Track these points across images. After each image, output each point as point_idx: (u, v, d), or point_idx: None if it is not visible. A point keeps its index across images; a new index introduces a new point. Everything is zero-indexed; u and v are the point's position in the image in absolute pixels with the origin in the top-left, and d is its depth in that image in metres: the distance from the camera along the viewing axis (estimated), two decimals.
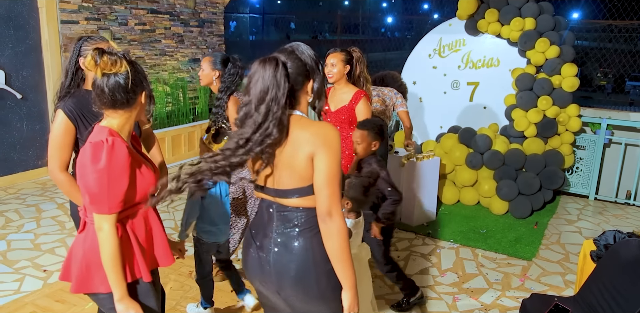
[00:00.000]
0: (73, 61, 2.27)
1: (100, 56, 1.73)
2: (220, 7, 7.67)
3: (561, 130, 5.07)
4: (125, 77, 1.77)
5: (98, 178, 1.70)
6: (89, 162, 1.71)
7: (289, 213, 1.75)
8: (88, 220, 1.85)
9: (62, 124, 2.22)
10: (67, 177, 2.23)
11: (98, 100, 1.79)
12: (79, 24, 5.76)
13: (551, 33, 4.94)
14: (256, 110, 1.63)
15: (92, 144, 1.73)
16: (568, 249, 4.26)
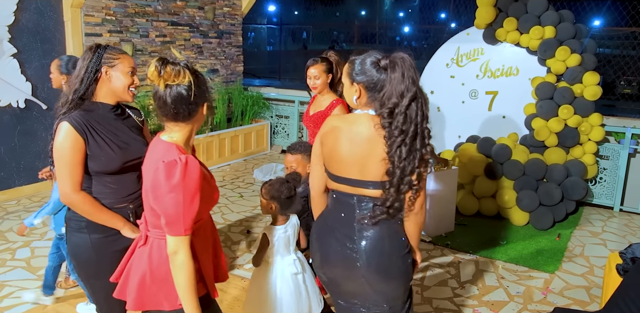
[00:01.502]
0: (92, 70, 2.09)
1: (164, 66, 1.66)
2: (238, 18, 7.75)
3: (583, 140, 5.01)
4: (188, 89, 1.71)
5: (174, 199, 1.63)
6: (164, 182, 1.64)
7: (372, 204, 1.94)
8: (151, 234, 1.80)
9: (70, 137, 2.03)
10: (83, 196, 2.08)
11: (160, 112, 1.75)
12: (102, 36, 5.86)
13: (572, 41, 4.90)
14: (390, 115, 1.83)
15: (165, 163, 1.65)
16: (592, 262, 4.19)
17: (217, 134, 6.87)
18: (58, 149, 2.04)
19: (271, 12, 17.26)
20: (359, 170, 1.92)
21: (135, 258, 1.85)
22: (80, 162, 2.06)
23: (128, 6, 6.09)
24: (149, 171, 1.74)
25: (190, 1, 6.89)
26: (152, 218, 1.78)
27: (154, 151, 1.78)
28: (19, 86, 5.25)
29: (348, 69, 1.99)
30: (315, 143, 2.06)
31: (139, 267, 1.81)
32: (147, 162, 1.80)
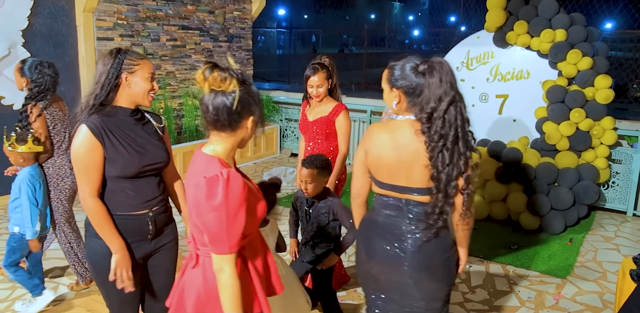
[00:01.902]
0: (113, 76, 2.07)
1: (211, 71, 1.60)
2: (248, 22, 7.79)
3: (595, 144, 4.97)
4: (233, 97, 1.63)
5: (217, 217, 1.57)
6: (205, 199, 1.57)
7: (421, 208, 1.97)
8: (201, 253, 1.74)
9: (86, 140, 2.01)
10: (100, 206, 2.05)
11: (203, 118, 1.70)
12: (114, 40, 5.91)
13: (583, 44, 4.87)
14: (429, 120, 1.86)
15: (207, 179, 1.58)
16: (605, 267, 4.15)
17: None
18: (75, 152, 2.02)
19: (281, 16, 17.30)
20: (405, 176, 1.96)
21: (188, 280, 1.78)
22: (97, 165, 2.03)
23: (139, 10, 6.13)
24: (190, 185, 1.69)
25: (201, 5, 6.93)
26: (199, 235, 1.70)
27: (196, 164, 1.73)
28: None
29: (387, 74, 2.00)
30: (359, 152, 2.07)
31: (192, 289, 1.75)
32: (189, 175, 1.74)
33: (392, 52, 18.42)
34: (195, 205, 1.61)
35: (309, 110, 3.50)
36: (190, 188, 1.68)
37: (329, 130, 3.38)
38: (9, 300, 3.45)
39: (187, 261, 1.82)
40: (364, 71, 12.29)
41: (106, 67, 2.07)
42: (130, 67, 2.09)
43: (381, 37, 19.14)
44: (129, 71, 2.09)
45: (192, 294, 1.74)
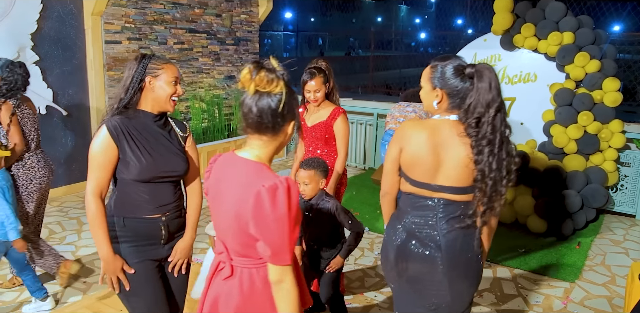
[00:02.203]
0: (137, 79, 2.09)
1: (258, 70, 1.55)
2: (255, 25, 7.81)
3: (604, 147, 4.95)
4: (279, 99, 1.57)
5: (280, 227, 1.49)
6: (270, 210, 1.48)
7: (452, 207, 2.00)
8: (236, 264, 1.66)
9: (103, 140, 2.04)
10: (99, 207, 2.04)
11: (244, 120, 1.62)
12: (122, 43, 5.94)
13: (591, 47, 4.85)
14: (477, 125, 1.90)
15: (267, 188, 1.48)
16: (614, 271, 4.13)
17: (234, 140, 6.90)
18: (91, 149, 2.07)
19: (288, 19, 17.34)
20: (442, 176, 1.98)
21: (223, 292, 1.69)
22: (107, 166, 2.06)
23: (147, 14, 6.17)
24: (234, 194, 1.58)
25: (208, 9, 6.96)
26: (238, 246, 1.62)
27: (236, 170, 1.63)
28: (41, 93, 5.33)
29: (430, 73, 2.01)
30: (393, 149, 2.06)
31: (230, 302, 1.67)
32: (228, 183, 1.63)
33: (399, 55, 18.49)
34: (255, 216, 1.50)
35: (307, 115, 3.42)
36: (233, 196, 1.59)
37: (327, 135, 3.35)
38: (17, 302, 3.46)
39: (215, 272, 1.74)
40: (370, 74, 12.29)
41: (131, 71, 2.10)
42: (154, 70, 2.11)
43: (388, 40, 19.15)
44: (152, 75, 2.10)
45: (230, 306, 1.67)
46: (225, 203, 1.62)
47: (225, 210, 1.61)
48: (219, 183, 1.67)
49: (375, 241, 4.60)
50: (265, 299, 1.62)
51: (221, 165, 1.70)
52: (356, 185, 6.26)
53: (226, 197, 1.61)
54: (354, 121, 7.20)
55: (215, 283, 1.73)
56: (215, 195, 1.68)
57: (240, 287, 1.64)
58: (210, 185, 1.72)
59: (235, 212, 1.56)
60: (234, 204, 1.56)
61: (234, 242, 1.62)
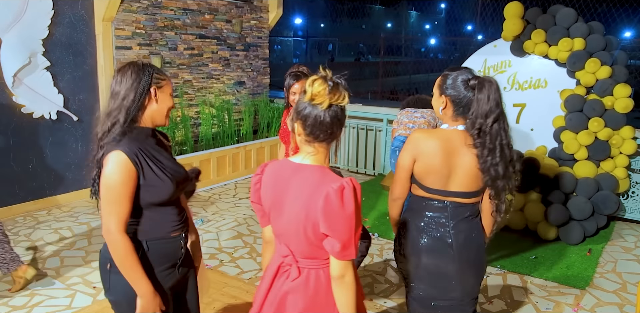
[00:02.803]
0: (144, 91, 1.92)
1: (336, 86, 1.65)
2: (265, 31, 7.85)
3: (614, 153, 4.91)
4: (343, 109, 1.71)
5: (349, 224, 1.61)
6: (340, 208, 1.59)
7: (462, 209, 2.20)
8: (303, 265, 1.76)
9: (124, 169, 1.83)
10: (127, 241, 1.84)
11: (307, 129, 1.69)
12: (132, 49, 5.98)
13: (602, 53, 4.83)
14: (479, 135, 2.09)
15: (336, 189, 1.60)
16: (625, 278, 4.09)
17: (244, 146, 6.92)
18: (109, 181, 1.83)
19: (297, 25, 17.41)
20: (454, 182, 2.16)
21: (290, 292, 1.77)
22: (130, 196, 1.86)
23: (157, 20, 6.21)
24: (303, 197, 1.68)
25: (218, 15, 7.00)
26: (305, 248, 1.72)
27: (302, 177, 1.71)
28: (52, 98, 5.38)
29: (440, 81, 2.20)
30: (406, 158, 2.20)
31: (297, 301, 1.75)
32: (295, 188, 1.71)
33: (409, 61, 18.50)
34: (327, 215, 1.60)
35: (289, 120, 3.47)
36: (298, 200, 1.68)
37: None
38: (27, 307, 3.48)
39: (276, 275, 1.82)
40: (380, 80, 12.30)
41: (134, 82, 1.91)
42: (159, 81, 1.97)
43: (397, 46, 19.16)
44: (158, 85, 1.96)
45: (297, 305, 1.76)
46: (292, 207, 1.71)
47: (293, 214, 1.70)
48: (280, 191, 1.75)
49: (385, 247, 4.58)
50: (329, 297, 1.74)
51: (279, 173, 1.78)
52: (365, 191, 6.25)
53: (293, 201, 1.70)
54: (364, 127, 7.20)
55: (279, 284, 1.81)
56: (277, 202, 1.76)
57: (307, 286, 1.75)
58: (267, 193, 1.79)
59: (306, 214, 1.65)
60: (304, 206, 1.66)
61: (302, 244, 1.72)
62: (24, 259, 4.17)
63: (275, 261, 1.84)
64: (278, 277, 1.81)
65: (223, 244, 4.62)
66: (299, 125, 1.72)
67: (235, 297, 3.62)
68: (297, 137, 1.76)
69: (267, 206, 1.81)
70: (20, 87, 5.11)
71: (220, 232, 4.92)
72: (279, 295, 1.79)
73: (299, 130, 1.73)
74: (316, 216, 1.63)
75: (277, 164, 1.81)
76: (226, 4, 7.09)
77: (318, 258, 1.74)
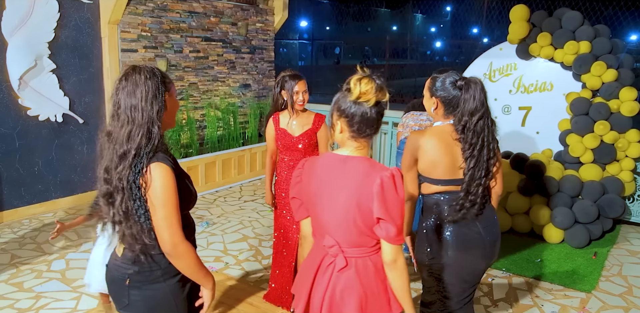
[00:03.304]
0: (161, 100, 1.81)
1: (381, 84, 1.75)
2: (271, 34, 7.86)
3: (620, 157, 4.89)
4: (384, 105, 1.80)
5: (401, 209, 1.72)
6: (393, 194, 1.70)
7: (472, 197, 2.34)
8: (350, 254, 1.81)
9: (172, 181, 1.77)
10: (191, 247, 1.83)
11: (353, 126, 1.77)
12: (138, 52, 6.01)
13: (608, 56, 4.82)
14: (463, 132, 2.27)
15: (388, 177, 1.70)
16: (631, 282, 4.06)
17: (249, 148, 6.93)
18: (165, 196, 1.75)
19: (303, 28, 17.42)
20: (459, 170, 2.32)
21: (339, 284, 1.81)
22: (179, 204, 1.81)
23: (163, 22, 6.24)
24: (353, 186, 1.74)
25: (224, 17, 7.02)
26: (354, 237, 1.78)
27: (349, 167, 1.77)
28: (57, 101, 5.41)
29: (429, 84, 2.37)
30: (408, 160, 2.36)
31: (351, 292, 1.80)
32: (341, 179, 1.77)
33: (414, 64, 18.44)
34: (381, 200, 1.69)
35: (288, 125, 3.34)
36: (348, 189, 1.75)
37: (315, 143, 3.34)
38: (33, 310, 3.49)
39: (319, 267, 1.85)
40: (385, 83, 12.30)
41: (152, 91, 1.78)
42: (168, 86, 1.86)
43: (403, 49, 19.12)
44: (167, 90, 1.85)
45: (352, 297, 1.80)
46: (340, 196, 1.76)
47: (341, 202, 1.76)
48: (326, 182, 1.81)
49: None
50: (379, 283, 1.82)
51: (323, 166, 1.84)
52: None
53: (341, 190, 1.77)
54: None
55: (325, 276, 1.83)
56: (321, 194, 1.81)
57: (358, 276, 1.80)
58: (310, 186, 1.85)
59: (357, 201, 1.72)
60: (354, 194, 1.73)
61: (350, 232, 1.77)
62: (31, 262, 4.19)
63: (317, 253, 1.88)
64: (322, 269, 1.84)
65: (228, 247, 4.63)
66: (343, 123, 1.79)
67: (239, 299, 3.62)
68: (337, 134, 1.83)
69: (308, 198, 1.86)
70: (26, 89, 5.14)
71: (226, 234, 4.92)
72: (329, 288, 1.82)
73: (342, 128, 1.80)
74: (368, 202, 1.70)
75: (320, 158, 1.88)
76: (232, 6, 7.11)
77: (365, 246, 1.79)
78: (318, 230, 1.87)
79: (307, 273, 1.89)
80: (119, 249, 1.93)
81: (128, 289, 1.90)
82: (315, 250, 1.91)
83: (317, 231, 1.88)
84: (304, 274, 1.92)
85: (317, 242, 1.91)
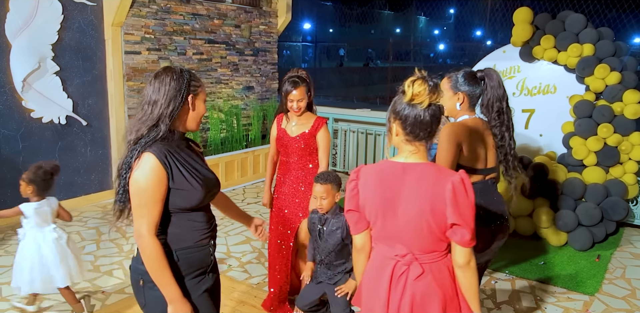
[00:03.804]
0: (182, 98, 1.89)
1: (435, 86, 1.74)
2: (274, 36, 7.88)
3: (624, 159, 4.88)
4: (440, 108, 1.78)
5: (472, 212, 1.72)
6: (466, 198, 1.70)
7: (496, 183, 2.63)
8: (423, 260, 1.80)
9: (155, 171, 1.81)
10: (159, 245, 1.82)
11: (409, 130, 1.76)
12: (141, 54, 6.02)
13: (611, 59, 4.81)
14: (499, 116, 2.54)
15: (459, 180, 1.71)
16: (634, 285, 4.05)
17: (252, 151, 6.94)
18: (139, 183, 1.81)
19: (306, 30, 17.44)
20: (489, 159, 2.51)
21: (418, 292, 1.79)
22: (161, 199, 1.84)
23: (166, 25, 6.25)
24: (425, 193, 1.73)
25: (227, 20, 7.04)
26: (428, 242, 1.78)
27: (418, 175, 1.76)
28: (61, 103, 5.42)
29: (449, 82, 2.52)
30: (452, 148, 2.38)
31: (433, 299, 1.79)
32: (412, 186, 1.76)
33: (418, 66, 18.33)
34: (455, 204, 1.69)
35: (287, 126, 3.34)
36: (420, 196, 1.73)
37: (312, 146, 3.28)
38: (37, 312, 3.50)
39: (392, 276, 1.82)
40: (388, 85, 12.30)
41: (173, 90, 1.88)
42: (195, 88, 1.94)
43: (406, 51, 19.14)
44: (194, 93, 1.94)
45: (434, 303, 1.78)
46: (411, 204, 1.74)
47: (414, 210, 1.73)
48: (392, 192, 1.77)
49: None
50: (453, 286, 1.83)
51: (383, 175, 1.80)
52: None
53: (411, 198, 1.74)
54: (372, 132, 7.20)
55: (400, 286, 1.79)
56: (389, 204, 1.78)
57: (436, 281, 1.78)
58: (373, 197, 1.80)
59: (431, 207, 1.71)
60: (428, 201, 1.71)
61: (424, 239, 1.76)
62: None
63: (383, 263, 1.84)
64: (395, 279, 1.81)
65: (231, 249, 4.63)
66: (398, 125, 1.78)
67: (243, 301, 3.63)
68: (394, 137, 1.82)
69: (371, 210, 1.81)
70: (29, 91, 5.16)
71: (229, 236, 4.92)
72: (405, 296, 1.79)
73: (397, 130, 1.79)
74: (442, 208, 1.70)
75: (376, 167, 1.84)
76: (235, 9, 7.12)
77: (437, 251, 1.79)
78: (385, 240, 1.83)
79: (378, 285, 1.84)
80: (135, 249, 1.94)
81: (143, 290, 1.92)
82: (380, 260, 1.86)
83: (383, 241, 1.85)
84: (372, 287, 1.87)
85: (381, 252, 1.86)
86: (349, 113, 7.56)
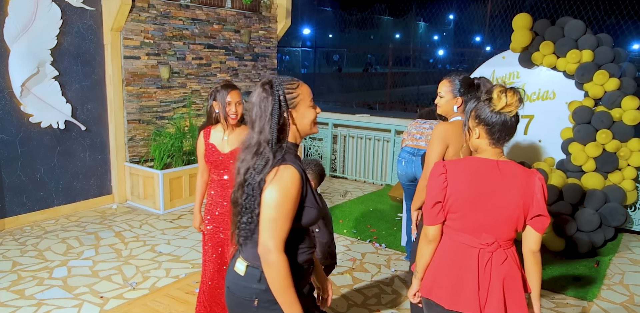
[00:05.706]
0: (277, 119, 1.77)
1: (521, 97, 1.92)
2: (273, 41, 7.89)
3: (622, 165, 4.88)
4: (519, 112, 1.95)
5: None
6: (546, 191, 1.95)
7: None
8: (505, 247, 2.00)
9: (297, 186, 1.72)
10: (287, 261, 1.70)
11: (498, 135, 1.93)
12: (140, 59, 6.03)
13: (610, 65, 4.82)
14: None
15: (541, 177, 1.96)
16: (633, 290, 4.04)
17: None
18: (279, 196, 1.70)
19: (306, 35, 17.47)
20: None
21: (503, 274, 1.98)
22: (294, 215, 1.74)
23: (166, 30, 6.26)
24: (518, 188, 1.92)
25: (227, 25, 7.05)
26: (511, 231, 1.96)
27: (510, 172, 1.95)
28: (60, 108, 5.42)
29: (450, 86, 2.76)
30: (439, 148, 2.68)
31: (516, 278, 2.00)
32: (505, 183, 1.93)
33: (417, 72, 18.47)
34: (541, 197, 1.93)
35: (218, 140, 3.02)
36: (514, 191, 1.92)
37: None
38: None
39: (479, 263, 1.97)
40: (388, 90, 12.31)
41: (267, 111, 1.77)
42: (290, 101, 1.80)
43: (406, 57, 19.17)
44: (291, 107, 1.80)
45: (517, 279, 2.00)
46: (507, 198, 1.92)
47: (509, 204, 1.92)
48: (484, 186, 1.93)
49: (392, 258, 4.56)
50: (520, 266, 2.04)
51: (476, 170, 1.96)
52: (373, 201, 6.23)
53: (507, 192, 1.92)
54: (371, 137, 7.20)
55: (487, 271, 1.96)
56: (479, 197, 1.93)
57: (517, 264, 2.01)
58: (464, 190, 1.94)
59: (524, 201, 1.92)
60: (521, 195, 1.92)
61: (510, 229, 1.95)
62: (32, 269, 4.19)
63: (467, 252, 1.98)
64: (482, 266, 1.97)
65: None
66: (482, 130, 1.95)
67: None
68: (474, 138, 1.99)
69: (459, 202, 1.95)
70: (28, 96, 5.16)
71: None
72: (492, 279, 1.96)
73: (480, 134, 1.96)
74: (530, 201, 1.92)
75: (466, 163, 1.99)
76: (235, 14, 7.14)
77: (511, 239, 2.00)
78: (470, 230, 1.97)
79: (464, 272, 1.98)
80: (241, 267, 1.85)
81: (256, 310, 1.81)
82: (462, 249, 1.99)
83: (467, 231, 1.97)
84: (455, 275, 2.00)
85: (463, 241, 1.99)
86: (349, 118, 7.57)
